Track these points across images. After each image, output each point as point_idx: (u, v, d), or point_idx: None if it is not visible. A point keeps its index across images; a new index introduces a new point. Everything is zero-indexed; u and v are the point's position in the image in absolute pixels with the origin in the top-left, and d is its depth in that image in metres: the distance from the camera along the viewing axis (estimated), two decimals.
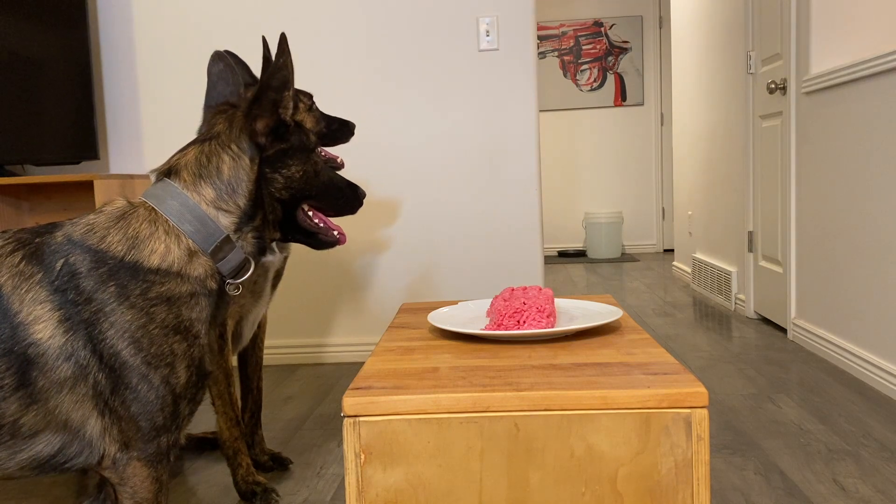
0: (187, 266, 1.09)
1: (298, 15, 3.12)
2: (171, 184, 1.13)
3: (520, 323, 1.20)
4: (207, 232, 1.11)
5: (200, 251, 1.11)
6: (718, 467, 1.94)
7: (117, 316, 1.03)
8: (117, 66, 3.17)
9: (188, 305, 1.08)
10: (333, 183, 1.27)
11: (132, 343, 1.03)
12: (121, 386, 1.03)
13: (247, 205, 1.14)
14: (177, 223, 1.10)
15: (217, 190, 1.13)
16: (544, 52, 7.02)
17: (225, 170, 1.14)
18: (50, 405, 1.03)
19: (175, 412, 1.08)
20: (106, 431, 1.05)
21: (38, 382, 1.01)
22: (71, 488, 1.98)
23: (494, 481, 0.95)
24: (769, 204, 3.54)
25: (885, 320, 2.50)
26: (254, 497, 1.84)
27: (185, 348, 1.07)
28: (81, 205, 3.10)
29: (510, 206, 3.11)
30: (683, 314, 3.95)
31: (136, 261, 1.06)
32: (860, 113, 2.64)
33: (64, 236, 1.08)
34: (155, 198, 1.12)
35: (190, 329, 1.08)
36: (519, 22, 3.06)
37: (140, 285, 1.05)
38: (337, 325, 3.21)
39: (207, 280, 1.11)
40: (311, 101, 1.91)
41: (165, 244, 1.09)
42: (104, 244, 1.07)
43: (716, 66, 4.30)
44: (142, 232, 1.09)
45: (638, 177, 7.03)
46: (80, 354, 1.02)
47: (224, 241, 1.12)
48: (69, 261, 1.05)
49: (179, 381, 1.07)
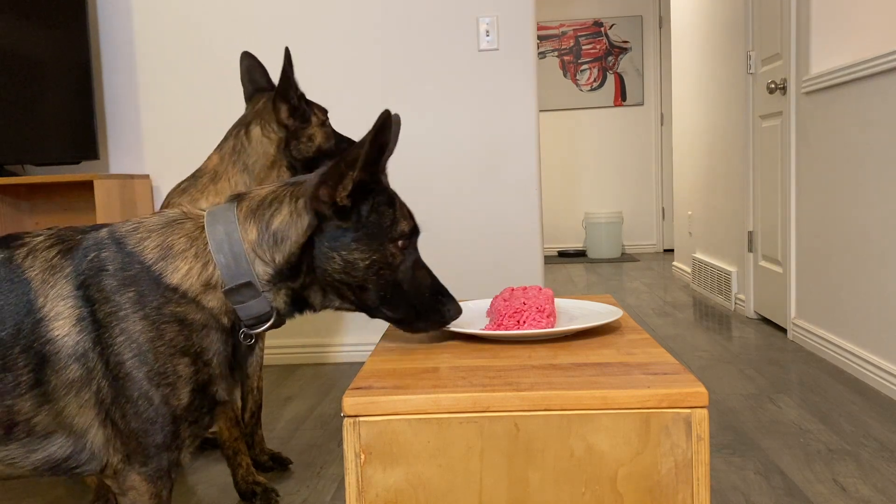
0: (202, 295, 1.05)
1: (298, 15, 3.12)
2: (232, 209, 1.09)
3: (520, 323, 1.20)
4: (237, 270, 1.05)
5: (220, 286, 1.05)
6: (718, 467, 1.94)
7: (129, 323, 1.01)
8: (117, 66, 3.17)
9: (199, 333, 1.04)
10: (416, 286, 1.12)
11: (138, 355, 1.01)
12: (121, 397, 1.01)
13: (283, 264, 1.06)
14: (213, 250, 1.05)
15: (260, 235, 1.07)
16: (544, 52, 7.02)
17: (277, 221, 1.07)
18: (59, 406, 1.01)
19: (175, 433, 1.04)
20: (109, 442, 1.03)
21: (51, 382, 1.00)
22: (71, 488, 1.98)
23: (494, 481, 0.95)
24: (769, 204, 3.54)
25: (885, 320, 2.50)
26: (254, 497, 1.84)
27: (191, 372, 1.03)
28: (81, 205, 3.10)
29: (510, 206, 3.11)
30: (683, 314, 3.95)
31: (160, 273, 1.04)
32: (860, 113, 2.64)
33: (108, 232, 1.07)
34: (211, 216, 1.08)
35: (200, 355, 1.04)
36: (519, 22, 3.06)
37: (157, 298, 1.03)
38: (337, 325, 3.21)
39: (221, 316, 1.06)
40: (325, 116, 1.89)
41: (190, 266, 1.05)
42: (139, 247, 1.05)
43: (716, 66, 4.30)
44: (176, 245, 1.06)
45: (638, 177, 7.03)
46: (89, 357, 1.01)
47: (245, 285, 1.05)
48: (101, 255, 1.04)
49: (180, 404, 1.03)
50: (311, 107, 1.86)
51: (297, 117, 1.82)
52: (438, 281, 1.15)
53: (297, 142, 1.83)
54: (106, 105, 3.19)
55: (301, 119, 1.83)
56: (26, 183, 2.90)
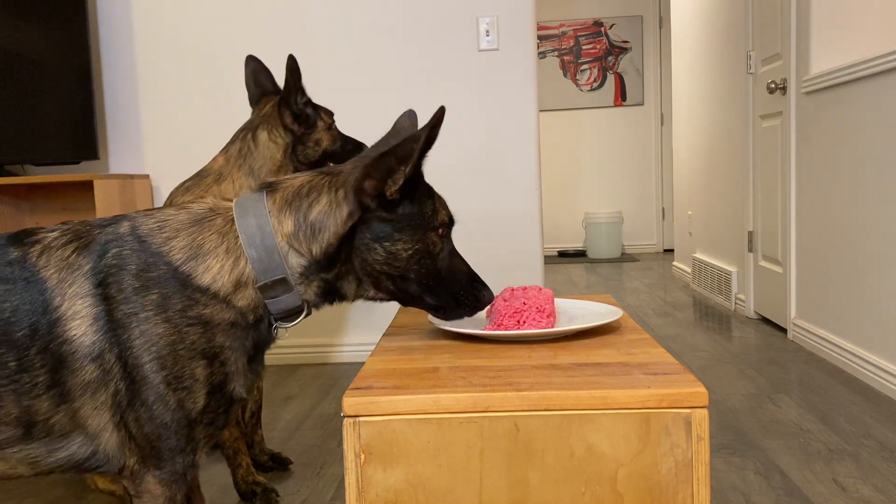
0: (232, 294, 1.03)
1: (297, 14, 3.12)
2: (263, 199, 1.06)
3: (520, 323, 1.20)
4: (270, 265, 1.03)
5: (251, 282, 1.03)
6: (718, 467, 1.94)
7: (150, 325, 0.99)
8: (117, 66, 3.17)
9: (225, 333, 1.02)
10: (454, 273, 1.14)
11: (156, 359, 0.99)
12: (137, 400, 0.99)
13: (320, 255, 1.05)
14: (245, 244, 1.03)
15: (297, 226, 1.05)
16: (544, 52, 7.02)
17: (315, 211, 1.05)
18: (75, 406, 1.00)
19: (190, 436, 1.02)
20: (124, 445, 1.02)
21: (67, 382, 0.99)
22: (71, 488, 1.98)
23: (494, 481, 0.95)
24: (769, 204, 3.54)
25: (885, 320, 2.50)
26: (254, 497, 1.84)
27: (207, 374, 1.01)
28: (81, 205, 3.10)
29: (510, 206, 3.11)
30: (683, 314, 3.95)
31: (189, 274, 1.01)
32: (860, 113, 2.64)
33: (130, 227, 1.04)
34: (241, 207, 1.06)
35: (218, 356, 1.02)
36: (519, 22, 3.06)
37: (183, 301, 1.00)
38: (337, 326, 3.21)
39: (248, 313, 1.04)
40: (332, 119, 1.89)
41: (221, 264, 1.03)
42: (166, 247, 1.02)
43: (716, 66, 4.30)
44: (206, 244, 1.03)
45: (638, 177, 7.03)
46: (106, 358, 0.99)
47: (279, 281, 1.04)
48: (122, 253, 1.01)
49: (196, 406, 1.01)
50: (317, 111, 1.86)
51: (303, 123, 1.82)
52: (471, 268, 1.17)
53: (304, 146, 1.84)
54: (106, 105, 3.19)
55: (307, 125, 1.83)
56: (26, 183, 2.90)
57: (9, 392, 0.99)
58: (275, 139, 1.81)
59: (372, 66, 3.11)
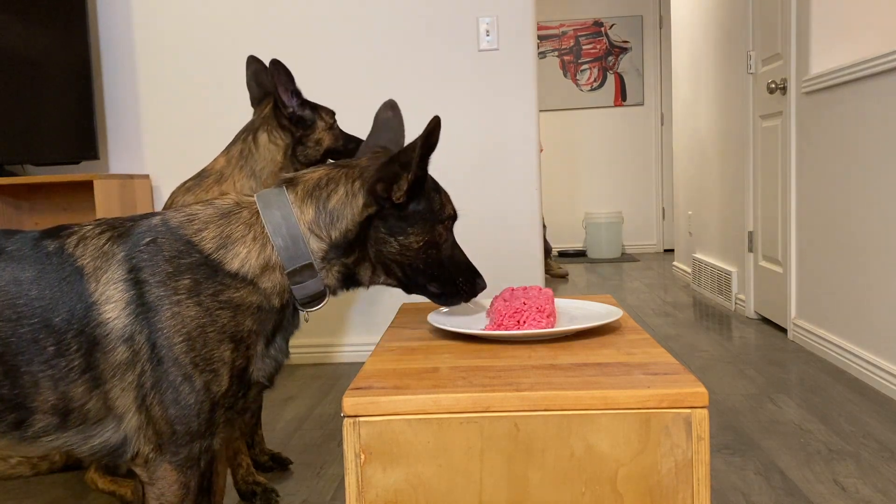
0: (259, 277, 1.09)
1: (297, 14, 3.12)
2: (284, 193, 1.13)
3: (520, 323, 1.20)
4: (296, 252, 1.10)
5: (279, 267, 1.10)
6: (718, 467, 1.94)
7: (182, 308, 1.03)
8: (117, 66, 3.17)
9: (252, 317, 1.08)
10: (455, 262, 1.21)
11: (187, 340, 1.03)
12: (163, 382, 1.03)
13: (339, 238, 1.12)
14: (271, 233, 1.10)
15: (317, 214, 1.12)
16: (544, 52, 7.02)
17: (333, 200, 1.12)
18: (106, 389, 1.04)
19: (211, 419, 1.06)
20: (141, 430, 1.05)
21: (100, 365, 1.03)
22: (71, 488, 1.98)
23: (494, 481, 0.94)
24: (769, 204, 3.54)
25: (885, 320, 2.50)
26: (254, 497, 1.84)
27: (233, 357, 1.06)
28: (81, 205, 3.10)
29: (510, 206, 3.11)
30: (683, 314, 3.95)
31: (219, 261, 1.07)
32: (860, 113, 2.64)
33: (161, 220, 1.10)
34: (264, 201, 1.12)
35: (244, 339, 1.07)
36: (519, 22, 3.06)
37: (214, 286, 1.06)
38: (337, 326, 3.21)
39: (273, 297, 1.10)
40: (333, 119, 1.89)
41: (248, 249, 1.09)
42: (197, 237, 1.08)
43: (716, 66, 4.30)
44: (234, 233, 1.09)
45: (638, 177, 7.02)
46: (136, 339, 1.02)
47: (305, 266, 1.10)
48: (157, 241, 1.06)
49: (220, 389, 1.06)
50: (317, 111, 1.86)
51: (300, 124, 1.82)
52: (467, 257, 1.24)
53: (304, 147, 1.84)
54: (106, 105, 3.19)
55: (304, 126, 1.83)
56: (26, 183, 2.90)
57: (46, 378, 1.02)
58: (275, 140, 1.81)
59: (372, 66, 3.11)
